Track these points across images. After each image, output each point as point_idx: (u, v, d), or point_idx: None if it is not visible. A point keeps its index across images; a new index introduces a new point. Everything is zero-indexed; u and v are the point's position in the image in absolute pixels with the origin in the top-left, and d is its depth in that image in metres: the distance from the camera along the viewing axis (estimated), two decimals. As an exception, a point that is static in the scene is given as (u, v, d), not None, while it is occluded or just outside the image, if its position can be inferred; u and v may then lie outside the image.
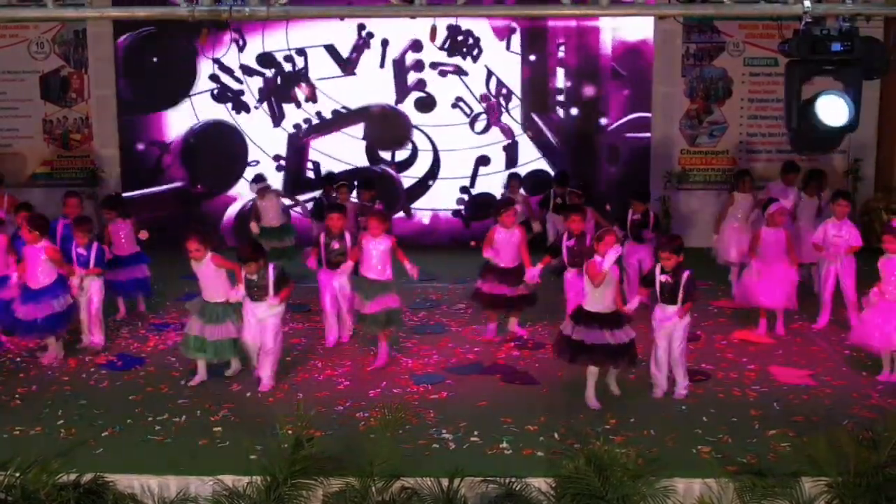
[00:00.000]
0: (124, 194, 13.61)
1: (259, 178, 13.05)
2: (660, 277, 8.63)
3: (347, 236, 9.99)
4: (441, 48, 14.28)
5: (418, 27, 13.65)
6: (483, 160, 14.66)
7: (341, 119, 14.58)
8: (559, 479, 7.08)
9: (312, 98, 13.18)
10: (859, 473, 6.90)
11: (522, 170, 14.38)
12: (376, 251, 9.62)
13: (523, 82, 14.48)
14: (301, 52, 14.39)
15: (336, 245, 9.93)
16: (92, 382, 9.26)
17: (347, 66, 14.47)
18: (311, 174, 14.66)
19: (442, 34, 14.11)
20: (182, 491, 7.27)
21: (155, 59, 14.53)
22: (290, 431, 7.45)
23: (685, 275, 8.58)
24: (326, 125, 14.60)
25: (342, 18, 12.70)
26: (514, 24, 13.69)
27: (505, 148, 14.62)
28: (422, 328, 10.83)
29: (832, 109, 6.73)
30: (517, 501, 7.04)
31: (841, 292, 10.48)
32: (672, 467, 7.27)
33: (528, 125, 14.58)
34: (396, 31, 14.16)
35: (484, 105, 14.44)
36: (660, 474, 7.10)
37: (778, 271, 10.40)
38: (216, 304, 9.09)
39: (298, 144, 14.64)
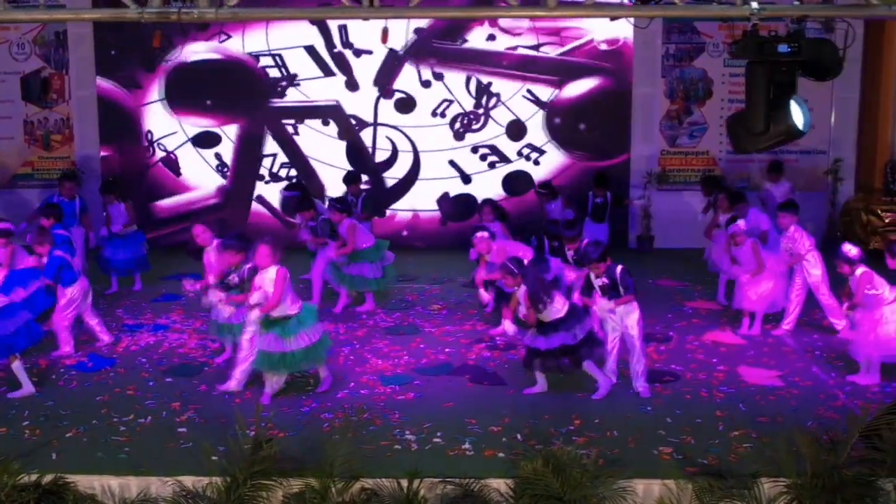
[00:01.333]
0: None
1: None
2: (596, 283, 8.77)
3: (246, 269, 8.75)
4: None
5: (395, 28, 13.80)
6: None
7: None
8: (518, 480, 7.09)
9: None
10: (816, 474, 6.92)
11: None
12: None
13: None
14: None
15: (235, 279, 8.76)
16: (61, 383, 9.26)
17: (328, 67, 14.50)
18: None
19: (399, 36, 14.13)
20: (143, 492, 7.28)
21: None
22: (251, 433, 7.52)
23: (618, 270, 8.71)
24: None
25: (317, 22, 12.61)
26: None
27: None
28: (395, 329, 10.84)
29: (799, 113, 6.73)
30: (475, 502, 7.05)
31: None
32: (632, 468, 7.28)
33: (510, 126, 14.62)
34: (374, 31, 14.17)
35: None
36: (619, 475, 7.10)
37: (760, 276, 10.43)
38: None
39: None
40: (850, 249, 9.21)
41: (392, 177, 14.77)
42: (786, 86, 6.54)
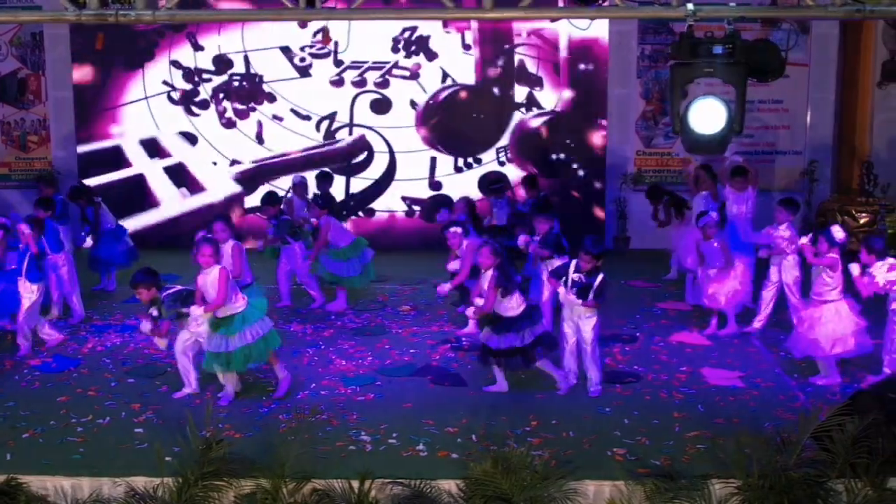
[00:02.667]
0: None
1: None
2: (573, 275, 8.71)
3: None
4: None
5: (375, 29, 13.86)
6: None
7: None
8: (468, 481, 7.10)
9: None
10: (763, 475, 6.92)
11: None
12: (206, 285, 8.60)
13: (477, 83, 14.52)
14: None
15: (154, 312, 8.59)
16: (24, 384, 9.26)
17: (302, 68, 14.51)
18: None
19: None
20: (95, 492, 7.30)
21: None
22: (206, 433, 7.55)
23: (600, 277, 8.69)
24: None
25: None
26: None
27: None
28: (362, 329, 10.85)
29: (706, 116, 6.70)
30: (424, 503, 7.06)
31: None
32: (585, 469, 7.29)
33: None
34: (352, 32, 14.21)
35: None
36: (569, 476, 7.11)
37: (726, 274, 10.44)
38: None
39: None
40: (838, 232, 9.19)
41: (367, 178, 14.77)
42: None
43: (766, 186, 13.23)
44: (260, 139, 14.55)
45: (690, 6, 6.54)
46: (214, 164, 14.56)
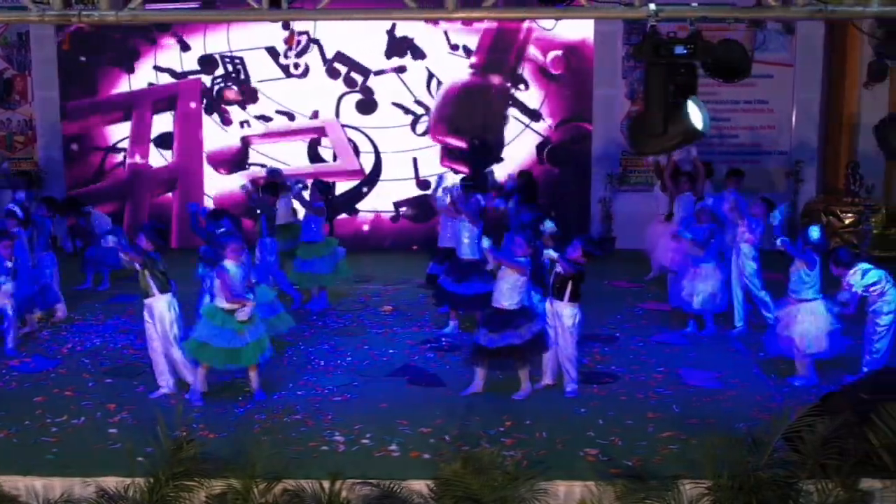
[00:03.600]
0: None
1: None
2: (557, 268, 8.71)
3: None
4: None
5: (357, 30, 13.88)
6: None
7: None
8: (438, 481, 7.11)
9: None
10: (733, 476, 6.93)
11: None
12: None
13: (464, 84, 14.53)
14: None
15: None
16: (1, 384, 9.27)
17: (287, 68, 14.51)
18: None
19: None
20: (66, 492, 7.31)
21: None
22: (180, 433, 7.56)
23: (577, 273, 8.71)
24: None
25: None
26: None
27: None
28: (343, 330, 10.86)
29: (698, 114, 6.72)
30: (394, 503, 7.07)
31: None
32: (556, 470, 7.30)
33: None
34: (335, 33, 14.23)
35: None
36: (540, 477, 7.12)
37: (702, 273, 10.46)
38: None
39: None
40: (814, 232, 9.19)
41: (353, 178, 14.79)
42: (684, 87, 6.52)
43: (753, 187, 13.16)
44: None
45: (652, 6, 6.55)
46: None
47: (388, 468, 7.40)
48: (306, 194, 11.56)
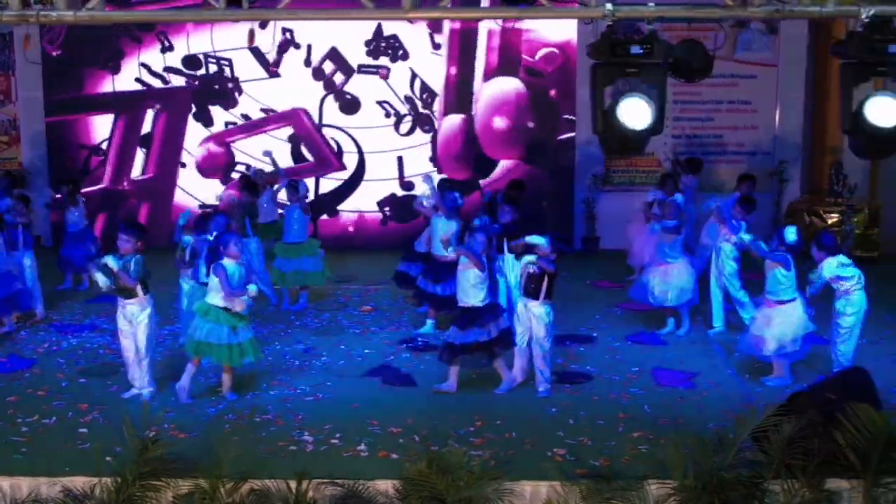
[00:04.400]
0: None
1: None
2: (529, 267, 8.74)
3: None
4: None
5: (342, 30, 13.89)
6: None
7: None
8: (404, 481, 7.11)
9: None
10: (697, 476, 6.93)
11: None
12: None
13: (447, 83, 14.53)
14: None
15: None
16: (-26, 384, 9.29)
17: (271, 67, 14.51)
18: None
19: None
20: (33, 492, 7.31)
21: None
22: (152, 433, 7.58)
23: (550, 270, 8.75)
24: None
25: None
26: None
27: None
28: (321, 330, 10.86)
29: (635, 113, 6.71)
30: (359, 503, 7.07)
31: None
32: (523, 469, 7.31)
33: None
34: (320, 33, 14.23)
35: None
36: (505, 477, 7.12)
37: (674, 270, 10.47)
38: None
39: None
40: (790, 234, 9.20)
41: (337, 178, 14.78)
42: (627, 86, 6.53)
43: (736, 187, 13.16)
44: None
45: (609, 6, 6.55)
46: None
47: (356, 468, 7.41)
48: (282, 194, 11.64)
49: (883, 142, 6.53)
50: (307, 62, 14.42)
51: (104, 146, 14.71)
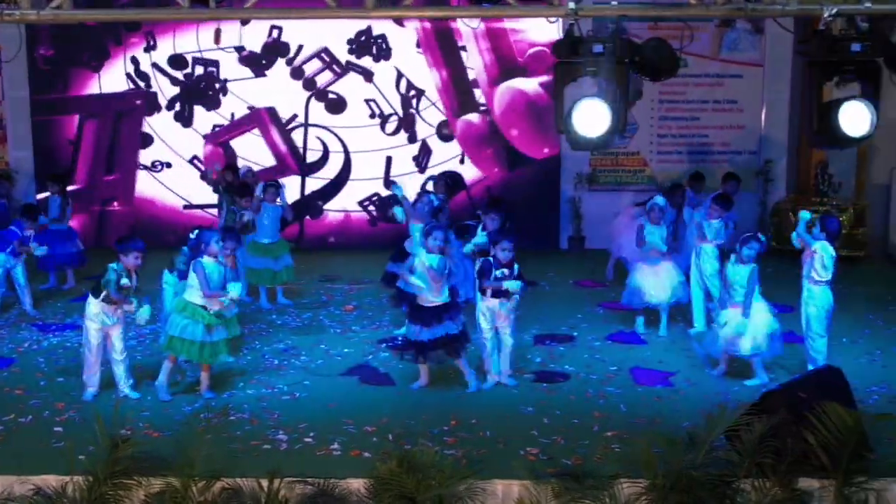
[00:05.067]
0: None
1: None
2: (496, 272, 8.79)
3: None
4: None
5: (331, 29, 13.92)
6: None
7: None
8: (375, 480, 7.11)
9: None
10: (667, 475, 6.93)
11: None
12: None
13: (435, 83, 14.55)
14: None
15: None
16: (-47, 383, 9.29)
17: (258, 67, 14.51)
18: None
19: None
20: (6, 490, 7.30)
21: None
22: (128, 432, 7.59)
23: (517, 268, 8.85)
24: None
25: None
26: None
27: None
28: (302, 329, 10.86)
29: (591, 117, 6.71)
30: (329, 502, 7.08)
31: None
32: (495, 468, 7.30)
33: (440, 126, 14.63)
34: (307, 33, 14.24)
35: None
36: (476, 476, 7.11)
37: (660, 269, 10.48)
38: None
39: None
40: (754, 246, 9.16)
41: (322, 177, 14.78)
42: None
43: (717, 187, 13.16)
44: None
45: (571, 5, 6.55)
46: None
47: (328, 467, 7.40)
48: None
49: (848, 143, 6.52)
50: (289, 62, 14.45)
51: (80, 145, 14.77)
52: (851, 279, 11.79)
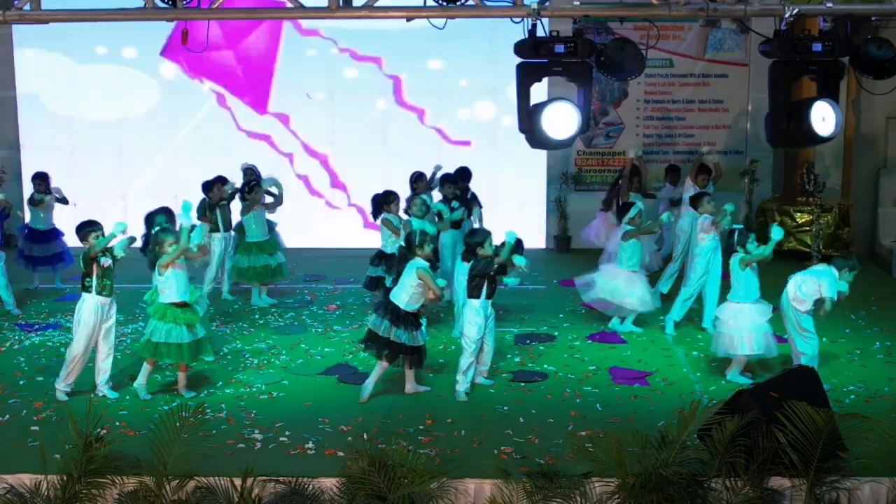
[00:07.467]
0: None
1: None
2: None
3: None
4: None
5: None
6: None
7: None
8: (347, 479, 7.13)
9: None
10: (638, 474, 6.95)
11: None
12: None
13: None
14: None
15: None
16: (-68, 384, 9.30)
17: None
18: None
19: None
20: (-20, 489, 7.33)
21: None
22: (105, 431, 7.61)
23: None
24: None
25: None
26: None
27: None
28: (285, 329, 10.88)
29: (559, 120, 6.72)
30: (301, 501, 7.09)
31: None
32: (468, 467, 7.32)
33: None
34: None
35: None
36: (448, 475, 7.13)
37: (631, 276, 10.52)
38: None
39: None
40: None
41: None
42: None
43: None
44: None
45: (534, 4, 6.57)
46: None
47: (301, 466, 7.40)
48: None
49: (813, 143, 6.54)
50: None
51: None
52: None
